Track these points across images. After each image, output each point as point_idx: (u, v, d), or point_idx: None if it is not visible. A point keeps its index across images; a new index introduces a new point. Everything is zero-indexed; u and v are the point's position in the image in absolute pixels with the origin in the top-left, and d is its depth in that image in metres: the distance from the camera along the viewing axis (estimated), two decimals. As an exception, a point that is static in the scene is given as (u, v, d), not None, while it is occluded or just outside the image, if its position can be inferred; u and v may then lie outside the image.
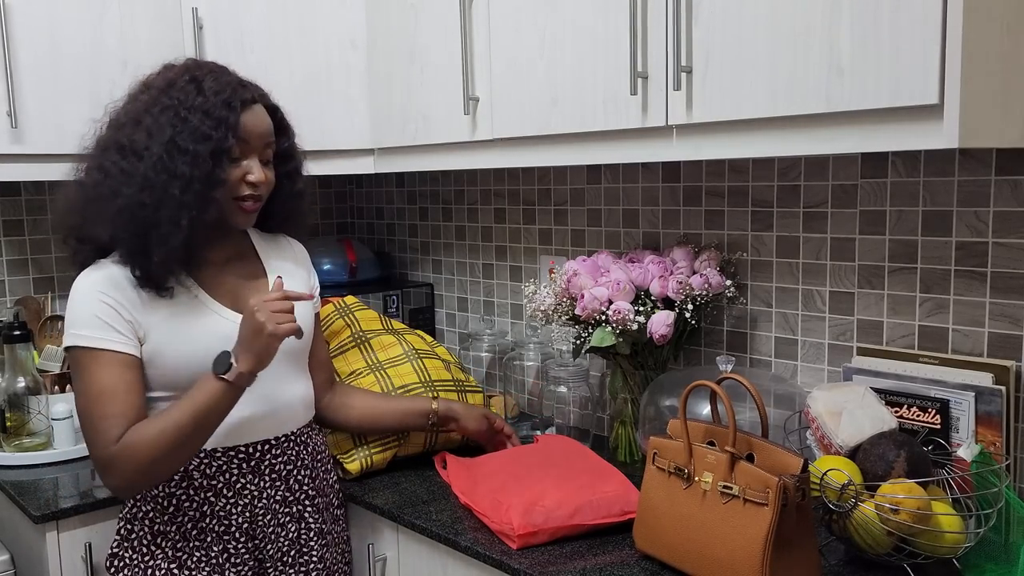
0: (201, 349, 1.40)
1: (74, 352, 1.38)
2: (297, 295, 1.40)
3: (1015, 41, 1.16)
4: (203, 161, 1.34)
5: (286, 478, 1.52)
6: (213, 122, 1.35)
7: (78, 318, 1.38)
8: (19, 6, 1.88)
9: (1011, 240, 1.40)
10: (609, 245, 2.00)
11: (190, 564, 1.46)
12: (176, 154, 1.34)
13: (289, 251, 1.62)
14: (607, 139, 1.53)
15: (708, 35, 1.34)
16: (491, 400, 2.08)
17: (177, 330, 1.41)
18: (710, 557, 1.24)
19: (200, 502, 1.45)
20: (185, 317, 1.42)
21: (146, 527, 1.46)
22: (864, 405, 1.39)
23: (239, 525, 1.47)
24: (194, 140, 1.34)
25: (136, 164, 1.35)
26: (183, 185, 1.34)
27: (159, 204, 1.34)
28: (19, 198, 2.27)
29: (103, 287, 1.38)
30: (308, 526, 1.55)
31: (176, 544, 1.46)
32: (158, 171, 1.33)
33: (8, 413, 1.92)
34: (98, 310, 1.37)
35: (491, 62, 1.70)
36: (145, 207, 1.34)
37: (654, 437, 1.38)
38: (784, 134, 1.28)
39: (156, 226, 1.34)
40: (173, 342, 1.40)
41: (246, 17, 2.04)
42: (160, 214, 1.34)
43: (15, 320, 1.97)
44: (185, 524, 1.46)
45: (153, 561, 1.46)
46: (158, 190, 1.34)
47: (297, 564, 1.54)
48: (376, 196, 2.70)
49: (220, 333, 1.42)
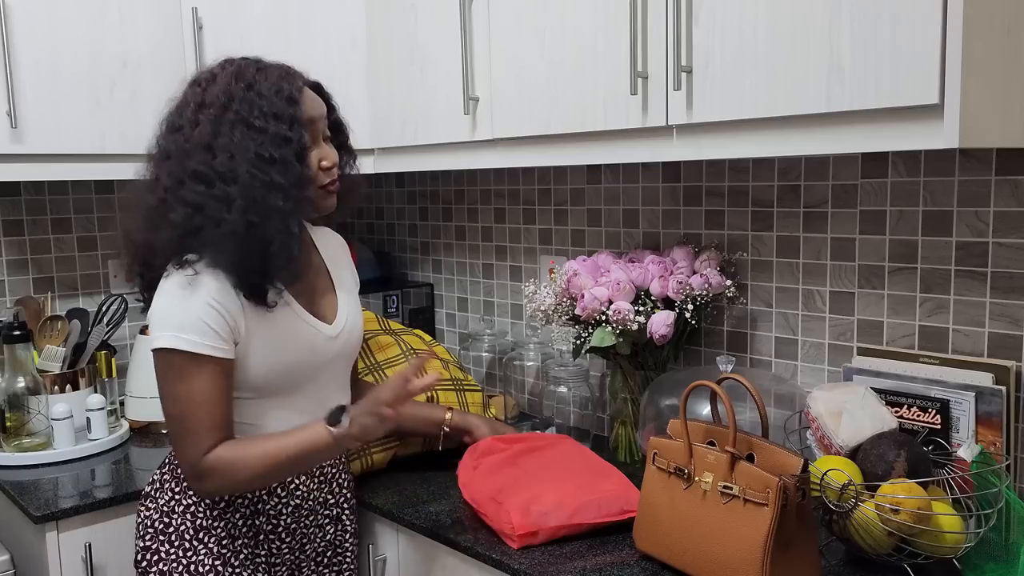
0: (284, 355, 1.40)
1: (173, 356, 1.33)
2: (421, 385, 1.37)
3: (1015, 41, 1.16)
4: (292, 165, 1.33)
5: (330, 481, 1.54)
6: (285, 123, 1.33)
7: (182, 320, 1.33)
8: (19, 6, 1.88)
9: (1011, 240, 1.40)
10: (609, 245, 2.00)
11: (235, 562, 1.45)
12: (265, 166, 1.31)
13: (335, 243, 1.61)
14: (607, 139, 1.53)
15: (708, 35, 1.33)
16: (491, 400, 2.07)
17: (268, 335, 1.39)
18: (710, 557, 1.24)
19: (254, 499, 1.45)
20: (275, 322, 1.40)
21: (188, 521, 1.44)
22: (864, 405, 1.38)
23: (286, 525, 1.48)
24: (275, 146, 1.32)
25: (228, 189, 1.31)
26: (284, 194, 1.32)
27: (265, 219, 1.31)
28: (19, 198, 2.27)
29: (207, 289, 1.33)
30: (344, 528, 1.58)
31: (222, 540, 1.44)
32: (256, 188, 1.31)
33: (8, 413, 1.92)
34: (205, 313, 1.33)
35: (491, 62, 1.70)
36: (255, 226, 1.31)
37: (654, 437, 1.38)
38: (784, 134, 1.28)
39: (270, 241, 1.32)
40: (262, 347, 1.39)
41: (246, 17, 2.04)
42: (270, 228, 1.32)
43: (15, 320, 1.97)
44: (235, 520, 1.45)
45: (196, 556, 1.44)
46: (260, 206, 1.31)
47: (331, 565, 1.57)
48: (376, 196, 2.70)
49: (307, 342, 1.43)
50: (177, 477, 1.46)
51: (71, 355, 2.05)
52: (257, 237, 1.31)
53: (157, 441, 2.08)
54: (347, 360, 1.54)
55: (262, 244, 1.32)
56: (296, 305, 1.43)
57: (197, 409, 1.33)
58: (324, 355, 1.46)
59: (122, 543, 1.74)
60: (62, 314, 2.15)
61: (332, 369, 1.50)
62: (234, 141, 1.31)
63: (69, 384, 2.01)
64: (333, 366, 1.50)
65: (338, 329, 1.49)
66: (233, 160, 1.31)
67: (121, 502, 1.74)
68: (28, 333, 1.94)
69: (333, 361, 1.49)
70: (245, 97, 1.33)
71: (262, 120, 1.32)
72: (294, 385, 1.44)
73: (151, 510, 1.47)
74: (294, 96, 1.35)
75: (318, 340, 1.45)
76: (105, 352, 2.09)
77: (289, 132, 1.33)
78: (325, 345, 1.46)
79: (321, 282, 1.52)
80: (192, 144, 1.34)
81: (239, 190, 1.31)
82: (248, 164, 1.31)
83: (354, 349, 1.55)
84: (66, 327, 2.09)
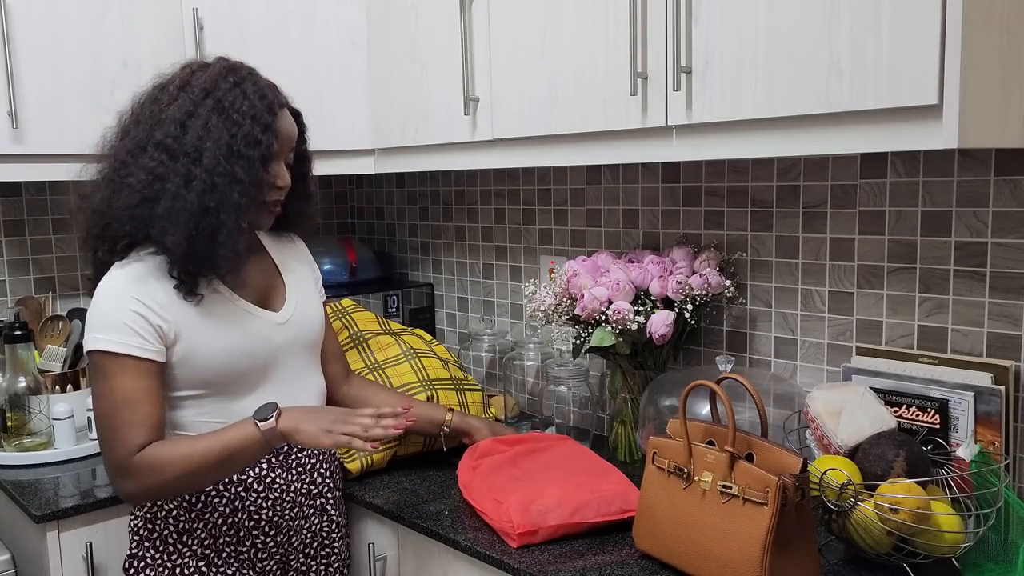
0: (235, 346, 1.42)
1: (96, 356, 1.36)
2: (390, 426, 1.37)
3: (1014, 41, 1.17)
4: (255, 166, 1.36)
5: (310, 471, 1.55)
6: (261, 127, 1.36)
7: (104, 321, 1.35)
8: (20, 6, 1.88)
9: (1010, 240, 1.41)
10: (609, 245, 2.00)
11: (218, 561, 1.46)
12: (233, 158, 1.34)
13: (293, 247, 1.63)
14: (607, 139, 1.53)
15: (708, 35, 1.34)
16: (491, 400, 2.08)
17: (211, 328, 1.40)
18: (709, 556, 1.25)
19: (231, 497, 1.46)
20: (218, 315, 1.42)
21: (170, 525, 1.46)
22: (863, 405, 1.39)
23: (268, 519, 1.49)
24: (247, 144, 1.35)
25: (191, 167, 1.33)
26: (241, 189, 1.35)
27: (219, 208, 1.34)
28: (20, 198, 2.27)
29: (133, 289, 1.36)
30: (330, 518, 1.59)
31: (204, 541, 1.46)
32: (219, 175, 1.33)
33: (9, 413, 1.92)
34: (125, 315, 1.35)
35: (491, 62, 1.71)
36: (208, 211, 1.33)
37: (654, 437, 1.38)
38: (784, 134, 1.28)
39: (219, 230, 1.34)
40: (208, 340, 1.40)
41: (246, 18, 2.05)
42: (221, 218, 1.34)
43: (16, 320, 1.97)
44: (215, 520, 1.46)
45: (180, 559, 1.46)
46: (218, 194, 1.33)
47: (319, 556, 1.58)
48: (376, 196, 2.71)
49: (253, 330, 1.45)
50: None
51: (72, 355, 2.06)
52: (209, 222, 1.34)
53: (158, 441, 2.08)
54: (304, 347, 1.54)
55: (212, 230, 1.34)
56: (237, 297, 1.45)
57: (119, 408, 1.34)
58: (274, 341, 1.47)
59: (123, 543, 1.74)
60: (63, 314, 2.15)
61: (288, 358, 1.50)
62: (208, 125, 1.34)
63: (70, 384, 2.02)
64: (288, 354, 1.50)
65: (287, 316, 1.51)
66: (202, 142, 1.34)
67: (121, 502, 1.74)
68: (29, 333, 1.94)
69: (286, 347, 1.50)
70: (232, 91, 1.37)
71: (239, 116, 1.35)
72: (250, 372, 1.45)
73: (137, 517, 1.49)
74: (274, 107, 1.39)
75: (263, 327, 1.46)
76: (106, 352, 2.09)
77: (261, 135, 1.36)
78: (273, 331, 1.48)
79: (269, 280, 1.53)
80: (166, 116, 1.37)
81: (202, 172, 1.33)
82: (216, 150, 1.33)
83: (310, 336, 1.55)
84: (67, 327, 2.10)
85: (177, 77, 1.41)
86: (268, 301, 1.51)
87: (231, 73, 1.39)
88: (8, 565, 1.82)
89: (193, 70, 1.41)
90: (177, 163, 1.34)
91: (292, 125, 1.44)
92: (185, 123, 1.35)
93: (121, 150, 1.40)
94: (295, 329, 1.52)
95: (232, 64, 1.42)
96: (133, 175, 1.36)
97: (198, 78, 1.39)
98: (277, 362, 1.49)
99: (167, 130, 1.35)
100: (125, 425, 1.34)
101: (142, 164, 1.36)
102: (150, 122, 1.38)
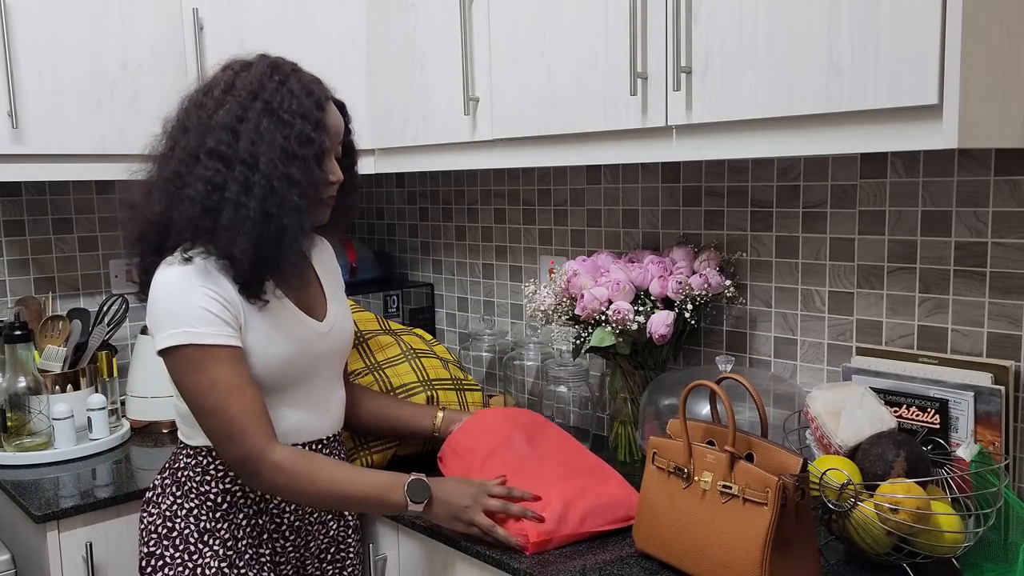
0: (280, 347, 1.41)
1: (183, 351, 1.32)
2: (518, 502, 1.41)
3: (1014, 41, 1.17)
4: (311, 165, 1.34)
5: None
6: (311, 125, 1.34)
7: (184, 316, 1.32)
8: (20, 6, 1.88)
9: (1010, 240, 1.41)
10: (609, 245, 2.00)
11: (239, 563, 1.45)
12: (289, 160, 1.32)
13: (322, 249, 1.61)
14: (607, 139, 1.53)
15: (708, 35, 1.34)
16: (491, 400, 2.08)
17: (266, 331, 1.39)
18: (709, 556, 1.25)
19: (256, 499, 1.45)
20: (274, 320, 1.41)
21: (191, 524, 1.44)
22: (863, 405, 1.39)
23: (290, 523, 1.49)
24: (301, 144, 1.33)
25: (249, 174, 1.31)
26: (300, 191, 1.33)
27: (281, 212, 1.32)
28: (20, 198, 2.27)
29: (202, 281, 1.33)
30: (347, 523, 1.59)
31: (227, 542, 1.44)
32: (277, 179, 1.31)
33: (9, 413, 1.92)
34: (206, 303, 1.32)
35: (491, 62, 1.71)
36: (271, 217, 1.32)
37: (654, 437, 1.38)
38: (784, 134, 1.28)
39: (283, 234, 1.33)
40: (263, 343, 1.39)
41: (247, 17, 2.04)
42: (284, 222, 1.33)
43: (16, 320, 1.97)
44: (239, 521, 1.45)
45: (202, 559, 1.43)
46: (278, 198, 1.32)
47: (335, 561, 1.57)
48: (376, 196, 2.71)
49: (303, 337, 1.44)
50: (179, 481, 1.46)
51: (72, 355, 2.05)
52: (274, 228, 1.32)
53: (158, 441, 2.08)
54: (340, 356, 1.56)
55: (277, 235, 1.33)
56: (287, 301, 1.44)
57: (229, 397, 1.31)
58: (317, 349, 1.47)
59: (123, 543, 1.75)
60: (63, 314, 2.15)
61: (326, 364, 1.51)
62: (260, 129, 1.32)
63: (70, 384, 2.02)
64: (327, 361, 1.51)
65: (328, 326, 1.51)
66: (256, 147, 1.32)
67: (122, 502, 1.74)
68: (29, 333, 1.95)
69: (326, 356, 1.50)
70: (278, 90, 1.34)
71: (289, 116, 1.33)
72: (292, 380, 1.44)
73: (154, 515, 1.47)
74: (322, 103, 1.37)
75: (310, 335, 1.46)
76: (106, 352, 2.10)
77: (313, 133, 1.34)
78: (318, 340, 1.47)
79: (311, 284, 1.53)
80: (215, 122, 1.34)
81: (260, 178, 1.31)
82: (271, 154, 1.31)
83: (346, 345, 1.57)
84: (67, 327, 2.10)
85: (221, 80, 1.38)
86: (312, 308, 1.49)
87: (275, 71, 1.36)
88: (8, 565, 1.82)
89: (236, 71, 1.38)
90: (234, 171, 1.31)
91: (339, 118, 1.42)
92: (236, 128, 1.32)
93: (172, 159, 1.36)
94: (335, 339, 1.51)
95: (274, 61, 1.39)
96: (190, 186, 1.33)
97: (242, 79, 1.36)
98: (314, 372, 1.48)
99: (219, 137, 1.32)
100: (242, 415, 1.31)
101: (198, 174, 1.33)
102: (199, 129, 1.35)
